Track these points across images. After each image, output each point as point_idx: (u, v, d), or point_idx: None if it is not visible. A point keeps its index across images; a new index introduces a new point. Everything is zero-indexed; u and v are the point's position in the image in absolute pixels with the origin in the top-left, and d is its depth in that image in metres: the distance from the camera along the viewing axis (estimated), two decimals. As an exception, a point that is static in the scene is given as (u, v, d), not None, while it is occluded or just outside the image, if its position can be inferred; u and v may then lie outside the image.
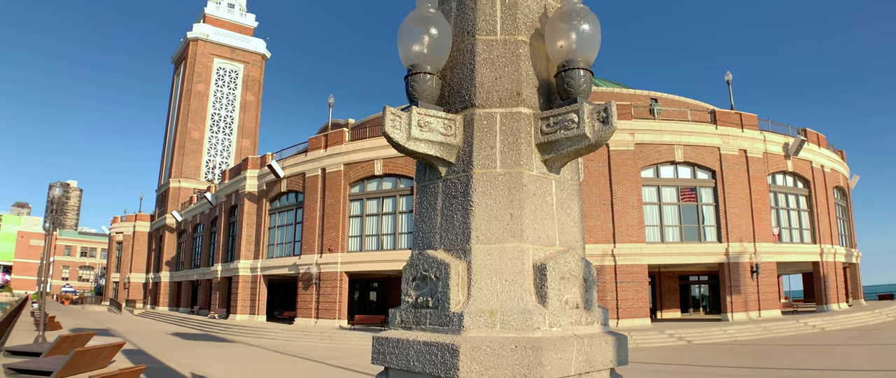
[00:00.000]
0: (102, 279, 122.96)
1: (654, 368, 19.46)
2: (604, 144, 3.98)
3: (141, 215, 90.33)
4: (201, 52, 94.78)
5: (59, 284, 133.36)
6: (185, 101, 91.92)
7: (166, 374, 17.94)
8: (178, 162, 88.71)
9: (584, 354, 3.73)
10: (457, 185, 4.06)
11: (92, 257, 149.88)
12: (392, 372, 4.02)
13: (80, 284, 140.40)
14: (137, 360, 20.59)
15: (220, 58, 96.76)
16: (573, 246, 4.16)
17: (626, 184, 36.18)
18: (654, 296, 45.93)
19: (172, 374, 17.79)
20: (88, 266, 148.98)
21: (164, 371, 18.52)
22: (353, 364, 20.88)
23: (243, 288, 48.03)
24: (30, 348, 21.42)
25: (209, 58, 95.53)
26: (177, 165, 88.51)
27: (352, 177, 40.81)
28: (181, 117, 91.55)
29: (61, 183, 35.83)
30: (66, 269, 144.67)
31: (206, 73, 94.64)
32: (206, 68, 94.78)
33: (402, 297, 4.15)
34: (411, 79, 4.11)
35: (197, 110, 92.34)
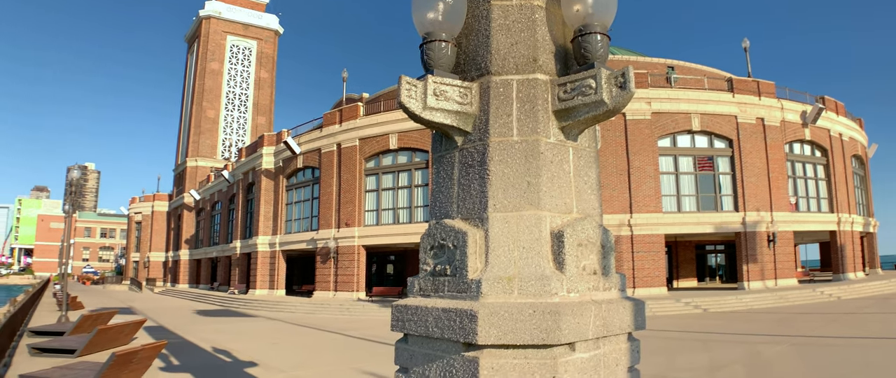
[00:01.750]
0: (122, 259, 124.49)
1: (671, 335, 19.50)
2: (621, 110, 3.95)
3: (159, 195, 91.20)
4: (214, 29, 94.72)
5: (80, 265, 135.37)
6: (199, 79, 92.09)
7: (188, 348, 18.21)
8: (195, 141, 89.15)
9: (602, 319, 3.74)
10: (473, 154, 4.05)
11: (111, 238, 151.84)
12: (411, 338, 4.06)
13: (101, 265, 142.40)
14: (159, 337, 20.92)
15: (234, 35, 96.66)
16: (591, 213, 4.15)
17: (643, 153, 35.95)
18: (671, 265, 45.88)
19: (194, 349, 18.06)
20: (108, 247, 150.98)
21: (186, 346, 18.80)
22: (372, 334, 21.09)
23: (262, 263, 48.50)
24: (53, 328, 21.80)
25: (222, 35, 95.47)
26: (193, 144, 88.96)
27: (367, 151, 40.86)
28: (196, 96, 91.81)
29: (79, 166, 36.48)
30: (86, 250, 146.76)
31: (219, 51, 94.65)
32: (219, 46, 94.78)
33: (421, 266, 4.18)
34: (426, 47, 4.08)
35: (212, 89, 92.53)
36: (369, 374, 13.19)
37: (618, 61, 42.80)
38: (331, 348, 18.34)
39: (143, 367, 12.52)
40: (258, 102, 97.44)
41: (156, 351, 12.66)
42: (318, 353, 17.12)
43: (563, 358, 3.52)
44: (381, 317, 29.63)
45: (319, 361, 15.46)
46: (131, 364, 11.87)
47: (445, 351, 3.73)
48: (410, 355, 4.01)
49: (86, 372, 11.69)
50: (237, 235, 55.78)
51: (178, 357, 16.13)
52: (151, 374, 13.14)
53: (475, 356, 3.54)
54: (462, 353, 3.61)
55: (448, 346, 3.72)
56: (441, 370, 3.74)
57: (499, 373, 3.49)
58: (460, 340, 3.58)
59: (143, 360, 12.29)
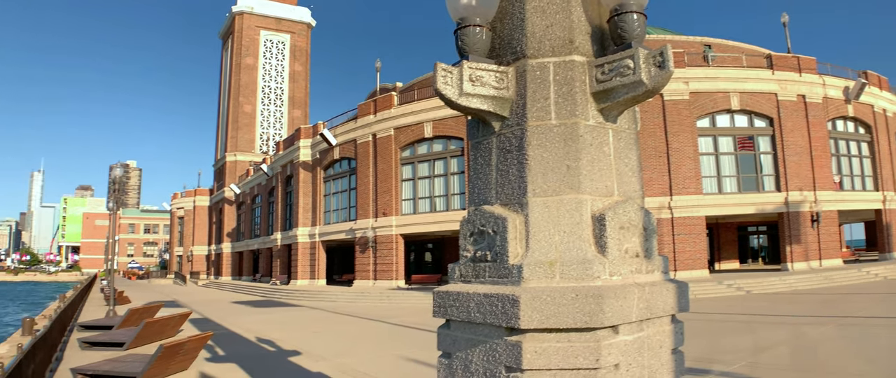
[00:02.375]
0: (166, 254, 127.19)
1: (713, 317, 19.26)
2: (660, 90, 3.89)
3: (200, 190, 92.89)
4: (247, 25, 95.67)
5: (126, 261, 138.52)
6: (235, 75, 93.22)
7: (232, 339, 18.54)
8: (233, 136, 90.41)
9: (645, 301, 3.73)
10: (511, 139, 4.03)
11: (155, 233, 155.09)
12: (453, 324, 4.08)
13: (146, 260, 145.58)
14: (204, 328, 21.33)
15: (267, 29, 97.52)
16: (632, 196, 4.12)
17: (682, 135, 35.42)
18: (712, 247, 45.27)
19: (238, 339, 18.38)
20: (152, 242, 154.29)
21: (231, 336, 19.15)
22: (412, 322, 21.23)
23: (303, 254, 49.11)
24: (102, 322, 22.37)
25: (255, 30, 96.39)
26: (232, 139, 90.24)
27: (402, 140, 40.99)
28: (232, 92, 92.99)
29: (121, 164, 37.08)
30: (131, 246, 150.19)
31: (253, 46, 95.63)
32: (253, 41, 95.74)
33: (461, 253, 4.18)
34: (461, 32, 4.06)
35: (247, 84, 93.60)
36: (411, 360, 13.29)
37: (653, 41, 42.15)
38: (372, 336, 18.51)
39: (189, 357, 12.80)
40: (293, 96, 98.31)
41: (202, 342, 12.92)
42: (359, 341, 17.30)
43: (606, 341, 3.51)
44: (420, 304, 29.79)
45: (362, 349, 15.62)
46: (178, 355, 12.14)
47: (488, 336, 3.74)
48: (453, 341, 4.03)
49: (135, 364, 11.98)
50: (277, 227, 56.58)
51: (223, 347, 16.44)
52: (198, 364, 13.41)
53: (518, 340, 3.54)
54: (505, 338, 3.62)
55: (490, 331, 3.73)
56: (484, 355, 3.75)
57: (542, 356, 3.49)
58: (503, 325, 3.59)
59: (189, 352, 12.55)
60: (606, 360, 3.49)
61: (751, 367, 11.34)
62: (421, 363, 12.85)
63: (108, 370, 11.80)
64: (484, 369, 3.75)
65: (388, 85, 56.27)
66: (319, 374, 12.13)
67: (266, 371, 12.69)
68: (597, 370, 3.48)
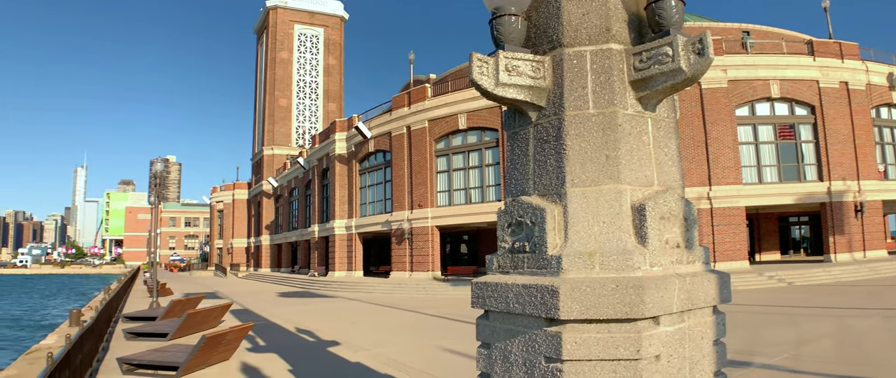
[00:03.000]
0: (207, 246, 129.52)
1: (754, 309, 18.96)
2: (700, 78, 3.83)
3: (239, 184, 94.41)
4: (281, 19, 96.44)
5: (167, 254, 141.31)
6: (270, 69, 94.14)
7: (273, 329, 18.80)
8: (270, 130, 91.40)
9: (686, 292, 3.69)
10: (548, 128, 4.01)
11: (195, 226, 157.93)
12: (492, 314, 4.08)
13: (187, 252, 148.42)
14: (245, 319, 21.67)
15: (300, 24, 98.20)
16: (672, 185, 4.07)
17: (721, 123, 34.82)
18: (752, 238, 44.53)
19: (278, 330, 18.63)
20: (193, 235, 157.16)
21: (271, 327, 19.42)
22: (449, 313, 21.29)
23: (340, 246, 49.55)
24: (145, 313, 22.87)
25: (289, 25, 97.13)
26: (268, 133, 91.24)
27: (436, 132, 41.01)
28: (268, 86, 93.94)
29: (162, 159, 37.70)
30: (172, 239, 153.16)
31: (287, 40, 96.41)
32: (287, 36, 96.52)
33: (498, 244, 4.18)
34: (496, 22, 4.05)
35: (282, 78, 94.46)
36: (449, 350, 13.33)
37: (690, 28, 41.45)
38: (410, 327, 18.62)
39: (231, 348, 13.01)
40: (328, 89, 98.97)
41: (243, 332, 13.13)
42: (397, 332, 17.42)
43: (647, 331, 3.49)
44: (457, 295, 29.86)
45: (399, 339, 15.72)
46: (220, 346, 12.36)
47: (527, 326, 3.74)
48: (492, 331, 4.03)
49: (178, 354, 12.22)
50: (315, 220, 57.15)
51: (263, 337, 16.68)
52: (239, 354, 13.63)
53: (558, 331, 3.53)
54: (544, 329, 3.61)
55: (530, 322, 3.73)
56: (523, 345, 3.75)
57: (582, 347, 3.48)
58: (542, 316, 3.58)
59: (231, 342, 12.77)
60: (647, 351, 3.47)
61: (794, 360, 11.15)
62: (458, 354, 12.89)
63: (152, 360, 12.06)
64: (523, 360, 3.75)
65: (422, 77, 56.34)
66: (358, 364, 12.25)
67: (306, 361, 12.84)
68: (637, 361, 3.46)
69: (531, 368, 3.70)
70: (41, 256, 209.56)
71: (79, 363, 10.36)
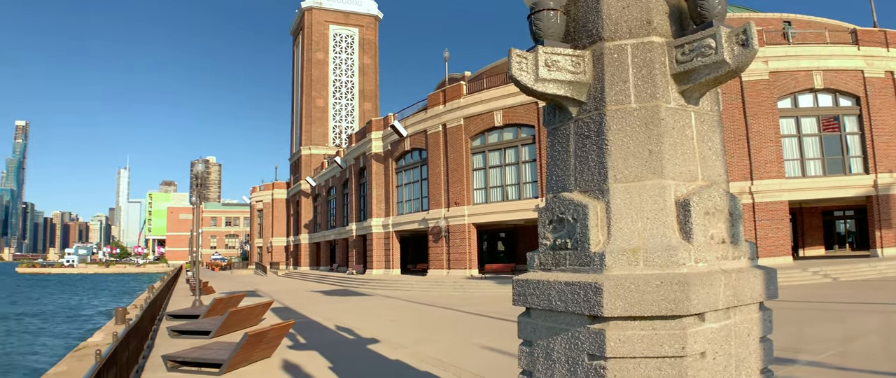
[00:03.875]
0: (247, 245, 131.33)
1: (799, 306, 18.57)
2: (744, 70, 3.76)
3: (277, 183, 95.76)
4: (317, 20, 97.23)
5: (208, 253, 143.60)
6: (306, 70, 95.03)
7: (313, 327, 18.99)
8: (307, 130, 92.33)
9: (732, 289, 3.64)
10: (589, 124, 3.97)
11: (235, 226, 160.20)
12: (533, 312, 4.06)
13: (227, 251, 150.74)
14: (285, 317, 21.92)
15: (335, 24, 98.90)
16: (716, 180, 4.00)
17: (762, 116, 34.15)
18: (795, 233, 43.61)
19: (318, 327, 18.81)
20: (233, 234, 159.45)
21: (311, 324, 19.62)
22: (487, 311, 21.26)
23: (377, 244, 49.85)
24: (188, 312, 23.29)
25: (325, 25, 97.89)
26: (306, 133, 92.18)
27: (472, 130, 40.96)
28: (305, 87, 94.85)
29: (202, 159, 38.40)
30: (213, 238, 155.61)
31: (323, 41, 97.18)
32: (322, 36, 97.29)
33: (539, 241, 4.15)
34: (535, 17, 4.02)
35: (319, 79, 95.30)
36: (488, 348, 13.31)
37: (730, 19, 40.69)
38: (448, 324, 18.64)
39: (273, 345, 13.17)
40: (363, 89, 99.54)
41: (284, 330, 13.28)
42: (436, 330, 17.45)
43: (692, 328, 3.44)
44: (495, 293, 29.81)
45: (438, 337, 15.74)
46: (262, 343, 12.52)
47: (570, 324, 3.71)
48: (533, 329, 4.01)
49: (221, 352, 12.41)
50: (352, 218, 57.58)
51: (304, 335, 16.86)
52: (280, 351, 13.79)
53: (601, 328, 3.50)
54: (587, 326, 3.58)
55: (572, 319, 3.70)
56: (566, 343, 3.72)
57: (626, 344, 3.44)
58: (585, 313, 3.55)
59: (272, 339, 12.92)
60: (692, 348, 3.43)
61: (840, 357, 10.89)
62: (498, 351, 12.86)
63: (196, 357, 12.27)
64: (566, 357, 3.72)
65: (457, 75, 56.34)
66: (398, 362, 12.30)
67: (346, 358, 12.94)
68: (682, 358, 3.42)
69: (574, 366, 3.67)
70: (87, 256, 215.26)
71: (125, 360, 10.58)
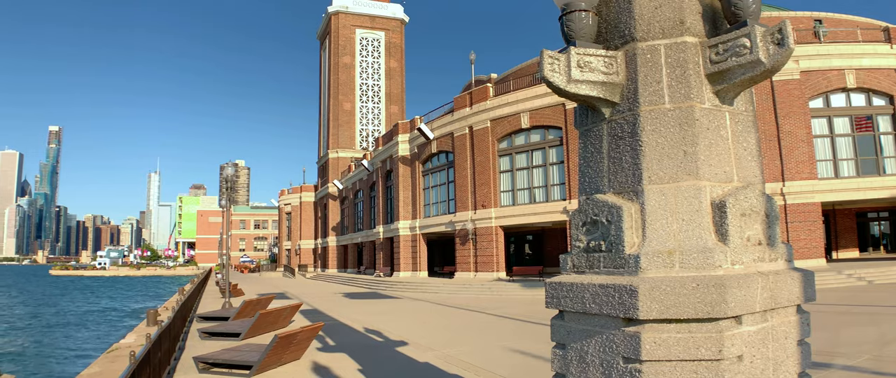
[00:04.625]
0: (275, 247, 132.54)
1: (833, 309, 18.25)
2: (779, 69, 3.71)
3: (305, 186, 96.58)
4: (343, 24, 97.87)
5: (237, 255, 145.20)
6: (333, 74, 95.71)
7: (341, 329, 19.09)
8: (334, 133, 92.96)
9: (769, 291, 3.59)
10: (623, 125, 3.94)
11: (264, 228, 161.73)
12: (567, 315, 4.04)
13: (256, 254, 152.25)
14: (313, 319, 22.07)
15: (362, 28, 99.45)
16: (752, 181, 3.95)
17: (793, 116, 33.65)
18: (828, 235, 42.85)
19: (347, 330, 18.90)
20: (262, 237, 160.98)
21: (340, 327, 19.72)
22: (515, 313, 21.21)
23: (405, 247, 49.96)
24: (218, 314, 23.54)
25: (351, 29, 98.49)
26: (333, 137, 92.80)
27: (499, 132, 40.90)
28: (332, 91, 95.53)
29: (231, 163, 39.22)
30: (242, 241, 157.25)
31: (350, 45, 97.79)
32: (349, 40, 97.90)
33: (572, 243, 4.13)
34: (566, 18, 4.01)
35: (346, 82, 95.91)
36: (517, 351, 13.27)
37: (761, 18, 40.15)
38: (476, 327, 18.61)
39: (302, 347, 13.27)
40: (390, 92, 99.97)
41: (314, 332, 13.37)
42: (464, 332, 17.44)
43: (729, 331, 3.41)
44: (522, 296, 29.72)
45: (467, 339, 15.73)
46: (292, 345, 12.61)
47: (604, 326, 3.69)
48: (567, 331, 3.99)
49: (252, 354, 12.53)
50: (379, 221, 57.80)
51: (333, 337, 16.95)
52: (310, 353, 13.88)
53: (636, 331, 3.47)
54: (622, 329, 3.55)
55: (607, 322, 3.67)
56: (600, 346, 3.70)
57: (662, 347, 3.41)
58: (620, 316, 3.53)
59: (302, 341, 13.02)
60: (729, 351, 3.39)
61: (876, 361, 10.69)
62: (527, 354, 12.82)
63: (227, 359, 12.40)
64: (600, 360, 3.70)
65: (483, 77, 56.28)
66: (427, 365, 12.31)
67: (375, 360, 12.99)
68: (719, 361, 3.38)
69: (608, 369, 3.65)
70: (119, 259, 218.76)
71: (158, 361, 10.73)
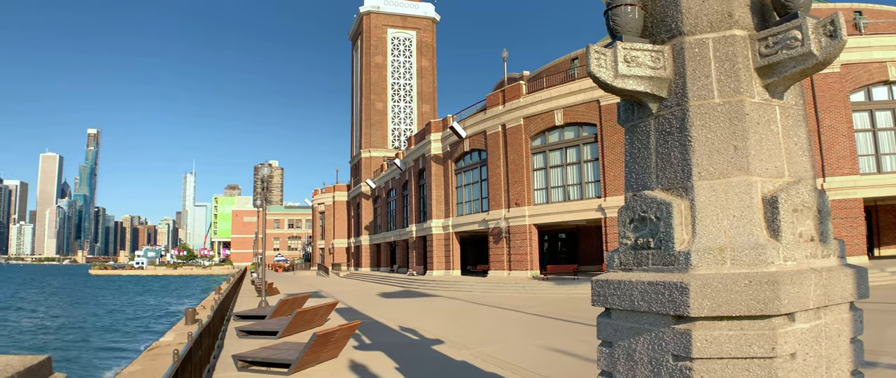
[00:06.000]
0: (309, 247, 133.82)
1: (878, 307, 17.82)
2: (831, 62, 3.63)
3: (338, 186, 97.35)
4: (375, 24, 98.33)
5: (272, 254, 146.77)
6: (365, 74, 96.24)
7: (377, 327, 19.18)
8: (367, 133, 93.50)
9: (822, 288, 3.52)
10: (671, 120, 3.90)
11: (298, 228, 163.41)
12: (614, 312, 4.00)
13: (290, 253, 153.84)
14: (349, 317, 22.22)
15: (393, 27, 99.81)
16: (803, 176, 3.88)
17: (834, 111, 32.94)
18: (870, 232, 41.89)
19: (382, 328, 18.99)
20: (296, 236, 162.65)
21: (375, 325, 19.82)
22: (550, 312, 21.10)
23: (438, 245, 50.03)
24: (255, 312, 23.82)
25: (383, 29, 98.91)
26: (365, 136, 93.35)
27: (532, 130, 40.72)
28: (364, 91, 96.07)
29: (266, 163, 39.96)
30: (276, 240, 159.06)
31: (381, 44, 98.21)
32: (381, 40, 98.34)
33: (619, 240, 4.10)
34: (612, 13, 3.97)
35: (377, 82, 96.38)
36: (553, 350, 13.21)
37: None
38: (511, 326, 18.57)
39: (339, 345, 13.36)
40: (422, 91, 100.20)
41: (351, 331, 13.45)
42: (499, 330, 17.40)
43: (782, 329, 3.35)
44: (558, 294, 29.58)
45: (502, 338, 15.70)
46: (329, 344, 12.71)
47: (653, 324, 3.65)
48: (614, 330, 3.95)
49: (290, 352, 12.65)
50: (412, 220, 57.98)
51: (368, 336, 17.04)
52: (347, 352, 13.98)
53: (687, 329, 3.43)
54: (672, 326, 3.51)
55: (656, 320, 3.63)
56: (649, 344, 3.66)
57: (713, 345, 3.37)
58: (670, 313, 3.49)
59: (339, 340, 13.10)
60: (782, 348, 3.33)
61: (928, 360, 10.42)
62: (565, 353, 12.75)
63: (265, 357, 12.54)
64: (649, 358, 3.66)
65: (516, 74, 56.08)
66: (463, 363, 12.32)
67: (411, 359, 13.03)
68: (772, 359, 3.33)
69: (657, 367, 3.60)
70: (155, 258, 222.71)
71: (198, 359, 10.89)
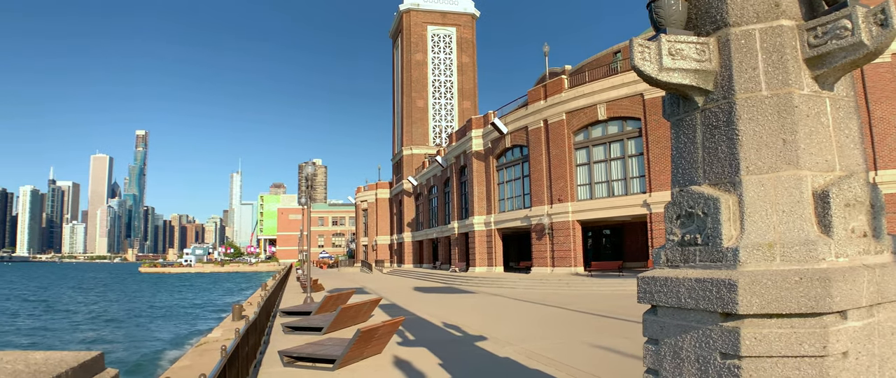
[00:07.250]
0: (353, 243, 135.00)
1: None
2: (883, 52, 3.52)
3: (381, 183, 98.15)
4: (415, 21, 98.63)
5: (316, 251, 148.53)
6: (406, 72, 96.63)
7: (420, 323, 19.27)
8: (408, 130, 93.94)
9: (875, 285, 3.43)
10: (717, 113, 3.83)
11: (342, 225, 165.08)
12: (660, 309, 3.96)
13: (334, 250, 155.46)
14: (392, 313, 22.38)
15: (433, 24, 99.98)
16: (855, 170, 3.78)
17: (886, 101, 31.92)
18: (929, 225, 40.56)
19: (425, 324, 19.08)
20: (339, 233, 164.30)
21: (418, 321, 19.91)
22: (594, 309, 20.93)
23: (480, 242, 50.00)
24: (300, 308, 24.13)
25: (423, 26, 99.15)
26: (407, 134, 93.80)
27: (575, 125, 40.37)
28: (405, 88, 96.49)
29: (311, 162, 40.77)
30: (321, 237, 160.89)
31: (421, 42, 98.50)
32: (421, 37, 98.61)
33: (666, 236, 4.05)
34: (655, 5, 3.92)
35: (418, 79, 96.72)
36: (599, 347, 13.10)
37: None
38: (556, 322, 18.48)
39: (383, 341, 13.46)
40: (462, 87, 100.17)
41: (395, 327, 13.54)
42: (543, 327, 17.33)
43: (833, 327, 3.27)
44: (602, 291, 29.32)
45: (546, 334, 15.64)
46: (373, 340, 12.82)
47: (700, 321, 3.60)
48: (660, 327, 3.91)
49: (335, 348, 12.79)
50: (454, 216, 58.04)
51: (412, 332, 17.13)
52: (390, 348, 14.07)
53: (735, 326, 3.38)
54: (720, 324, 3.46)
55: (703, 317, 3.58)
56: (696, 341, 3.61)
57: (763, 343, 3.31)
58: (718, 311, 3.44)
59: (383, 336, 13.21)
60: (834, 347, 3.26)
61: None
62: (610, 350, 12.64)
63: (310, 353, 12.69)
64: (696, 356, 3.61)
65: (557, 69, 55.73)
66: (507, 359, 12.30)
67: (455, 355, 13.06)
68: (823, 358, 3.26)
69: (705, 365, 3.55)
70: (203, 256, 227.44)
71: (245, 355, 11.10)
